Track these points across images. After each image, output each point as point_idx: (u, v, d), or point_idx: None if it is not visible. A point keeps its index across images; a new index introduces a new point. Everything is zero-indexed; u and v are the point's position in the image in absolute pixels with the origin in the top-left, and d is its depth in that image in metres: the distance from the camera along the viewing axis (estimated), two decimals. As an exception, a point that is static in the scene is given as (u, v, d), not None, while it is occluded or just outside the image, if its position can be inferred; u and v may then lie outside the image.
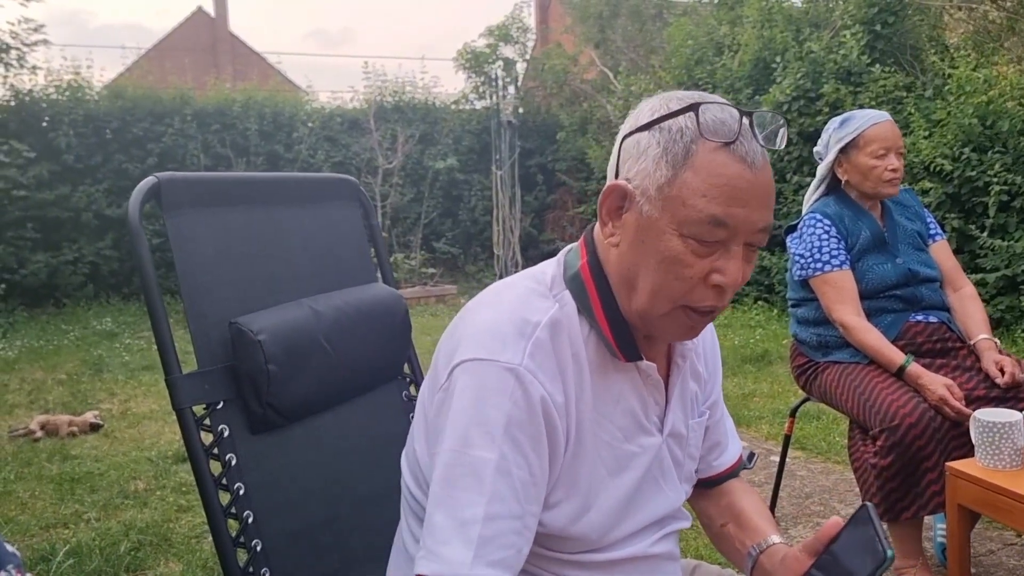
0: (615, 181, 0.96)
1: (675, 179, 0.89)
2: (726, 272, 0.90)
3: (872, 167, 2.30)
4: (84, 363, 6.01)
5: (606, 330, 0.98)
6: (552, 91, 11.13)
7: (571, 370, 0.95)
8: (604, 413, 0.99)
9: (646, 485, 1.04)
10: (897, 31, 6.71)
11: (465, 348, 0.93)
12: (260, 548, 1.25)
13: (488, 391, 0.89)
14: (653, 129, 0.93)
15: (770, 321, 6.55)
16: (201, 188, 1.33)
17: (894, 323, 2.30)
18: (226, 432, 1.26)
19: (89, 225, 8.60)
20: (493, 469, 0.87)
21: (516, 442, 0.89)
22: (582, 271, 0.99)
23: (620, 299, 0.97)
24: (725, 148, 0.88)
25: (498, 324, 0.94)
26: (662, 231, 0.90)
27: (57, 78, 8.93)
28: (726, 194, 0.88)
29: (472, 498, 0.87)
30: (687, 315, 0.93)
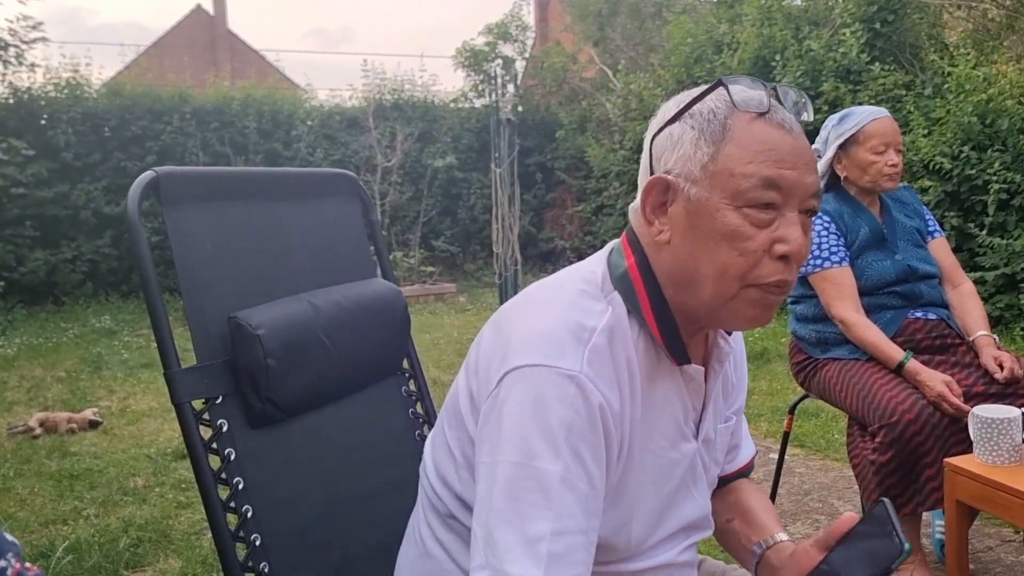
0: (655, 175, 0.93)
1: (718, 154, 0.88)
2: (789, 239, 0.88)
3: (871, 162, 2.31)
4: (83, 361, 6.01)
5: (656, 332, 0.94)
6: (551, 89, 11.13)
7: (625, 377, 0.92)
8: (651, 421, 0.96)
9: (681, 491, 1.02)
10: (896, 29, 6.71)
11: (519, 353, 0.88)
12: (259, 543, 1.25)
13: (548, 399, 0.85)
14: (683, 118, 0.92)
15: (769, 319, 6.55)
16: (200, 183, 1.33)
17: (893, 320, 2.30)
18: (225, 427, 1.26)
19: (88, 223, 8.60)
20: (559, 482, 0.83)
21: (578, 453, 0.85)
22: (630, 271, 0.96)
23: (680, 298, 0.94)
24: (761, 118, 0.89)
25: (553, 329, 0.89)
26: (716, 208, 0.88)
27: (56, 76, 8.92)
28: (772, 158, 0.87)
29: (539, 513, 0.83)
30: (758, 293, 0.90)
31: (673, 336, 0.95)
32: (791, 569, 1.00)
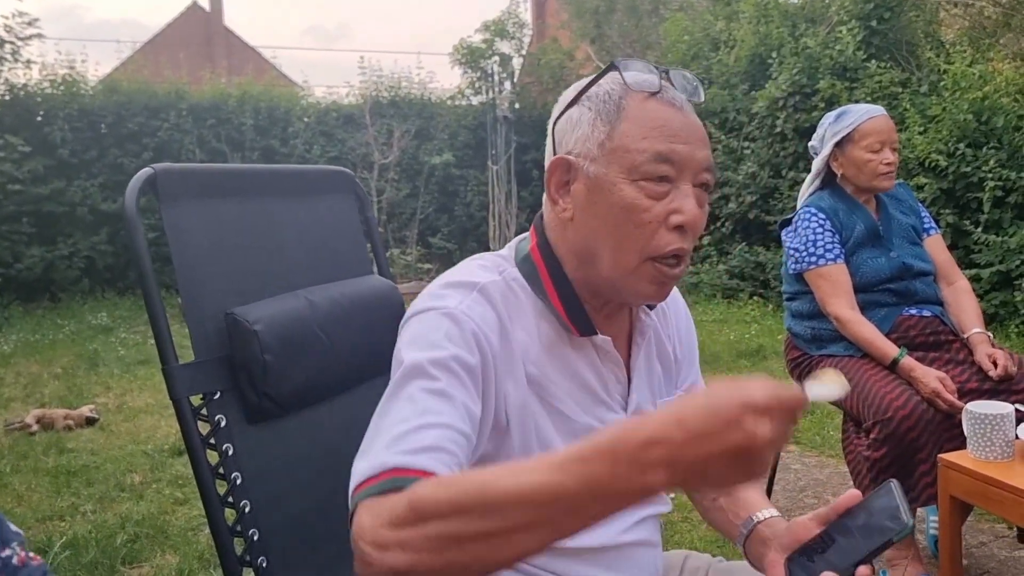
0: (556, 156, 0.99)
1: (614, 132, 0.94)
2: (684, 210, 0.93)
3: (867, 161, 2.32)
4: (80, 357, 6.00)
5: (557, 305, 1.00)
6: (548, 86, 11.13)
7: (514, 335, 0.97)
8: (561, 387, 1.00)
9: None
10: (893, 27, 6.73)
11: (414, 306, 0.99)
12: (257, 537, 1.26)
13: (425, 330, 0.93)
14: (581, 101, 0.98)
15: (765, 316, 6.57)
16: (197, 179, 1.34)
17: (887, 317, 2.31)
18: (223, 422, 1.27)
19: (84, 220, 8.60)
20: (426, 392, 0.87)
21: (451, 370, 0.89)
22: (532, 252, 1.03)
23: (584, 272, 1.00)
24: (653, 97, 0.94)
25: (442, 286, 0.99)
26: (612, 183, 0.93)
27: (52, 72, 8.91)
28: (664, 133, 0.92)
29: (405, 415, 0.85)
30: (655, 268, 0.94)
31: (575, 309, 1.00)
32: (785, 540, 1.00)
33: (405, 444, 0.82)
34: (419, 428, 0.83)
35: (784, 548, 1.00)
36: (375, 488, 0.79)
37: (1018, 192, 5.15)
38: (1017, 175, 5.12)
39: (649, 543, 1.10)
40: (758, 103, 7.07)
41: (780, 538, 1.02)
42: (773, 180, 7.08)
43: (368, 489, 0.80)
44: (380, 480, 0.79)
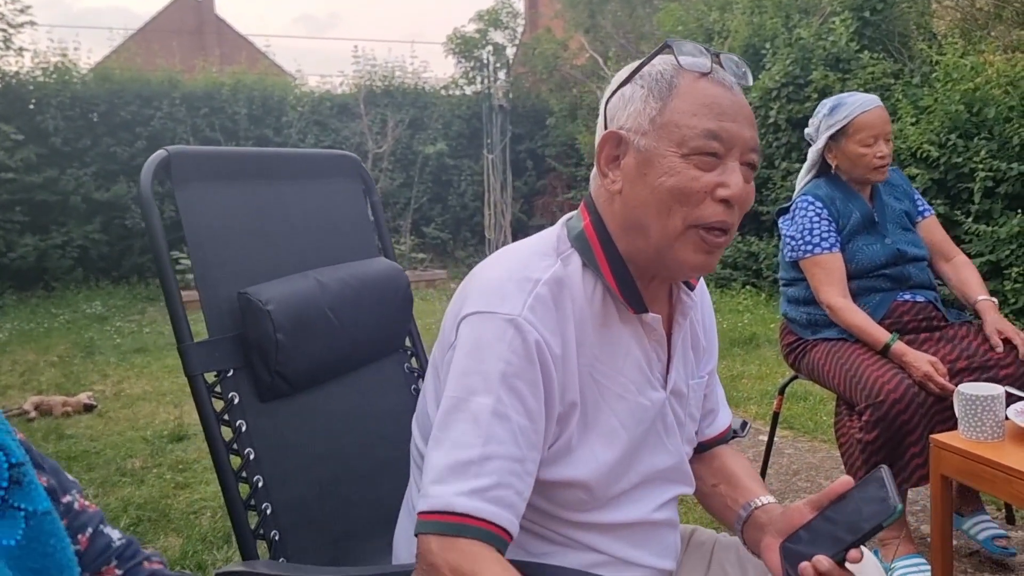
0: (608, 130, 1.02)
1: (665, 108, 0.97)
2: (730, 184, 0.96)
3: (861, 155, 2.34)
4: (75, 345, 6.01)
5: (612, 282, 1.02)
6: (542, 76, 11.13)
7: (573, 324, 0.99)
8: (615, 367, 1.03)
9: (650, 438, 1.08)
10: (886, 18, 6.76)
11: (469, 304, 0.99)
12: (270, 511, 1.29)
13: (487, 340, 0.95)
14: (634, 80, 1.02)
15: (758, 305, 6.62)
16: (210, 162, 1.37)
17: (882, 302, 2.36)
18: (236, 399, 1.30)
19: (78, 208, 8.57)
20: (490, 413, 0.92)
21: (514, 389, 0.93)
22: (586, 229, 1.04)
23: (632, 245, 1.01)
24: (704, 77, 0.98)
25: (500, 281, 0.99)
26: (663, 155, 0.96)
27: (44, 60, 8.86)
28: (714, 111, 0.96)
29: (469, 440, 0.91)
30: (700, 237, 0.97)
31: (628, 286, 1.03)
32: (781, 525, 1.04)
33: (470, 480, 0.90)
34: (482, 459, 0.91)
35: (779, 533, 1.04)
36: (443, 527, 0.90)
37: (1008, 183, 5.20)
38: (1007, 166, 5.16)
39: (672, 522, 1.14)
40: (751, 94, 7.10)
41: (776, 523, 1.06)
42: (766, 171, 7.11)
43: (437, 524, 0.90)
44: (448, 521, 0.90)
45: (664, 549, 1.11)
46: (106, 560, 0.59)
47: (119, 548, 0.60)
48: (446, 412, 0.95)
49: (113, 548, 0.60)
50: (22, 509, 0.52)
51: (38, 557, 0.51)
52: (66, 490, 0.59)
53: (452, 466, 0.91)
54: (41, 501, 0.53)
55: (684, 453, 1.14)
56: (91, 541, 0.59)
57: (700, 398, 1.20)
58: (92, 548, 0.59)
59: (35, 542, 0.51)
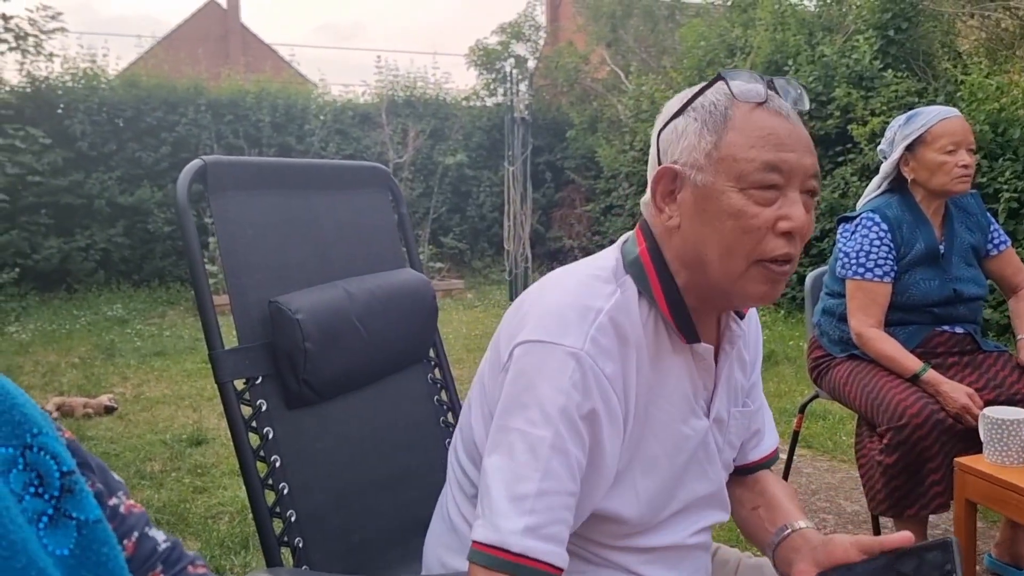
0: (663, 165, 0.99)
1: (720, 142, 0.95)
2: (792, 217, 0.93)
3: (941, 163, 2.22)
4: (96, 347, 6.07)
5: (666, 312, 1.00)
6: (563, 89, 11.17)
7: (632, 354, 0.98)
8: (663, 395, 1.02)
9: (692, 467, 1.07)
10: (910, 37, 6.74)
11: (528, 329, 0.97)
12: (294, 519, 1.30)
13: (548, 372, 0.93)
14: (687, 112, 0.99)
15: (776, 323, 6.59)
16: (244, 171, 1.38)
17: (916, 333, 2.29)
18: (264, 406, 1.31)
19: (101, 212, 8.66)
20: (548, 447, 0.91)
21: (572, 423, 0.92)
22: (642, 256, 1.02)
23: (692, 279, 1.00)
24: (759, 107, 0.95)
25: (561, 308, 0.97)
26: (721, 191, 0.94)
27: (73, 66, 8.99)
28: (772, 142, 0.93)
29: (527, 474, 0.91)
30: (765, 269, 0.95)
31: (682, 316, 1.01)
32: (820, 555, 1.02)
33: (525, 517, 0.90)
34: (539, 494, 0.91)
35: (816, 563, 1.02)
36: (496, 562, 0.91)
37: (1033, 204, 5.17)
38: (1032, 187, 5.13)
39: (705, 545, 1.14)
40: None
41: (814, 551, 1.03)
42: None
43: (490, 558, 0.91)
44: (501, 558, 0.90)
45: (696, 571, 1.11)
46: (152, 565, 0.60)
47: (164, 552, 0.61)
48: (504, 438, 0.94)
49: (159, 552, 0.60)
50: (74, 518, 0.52)
51: (91, 567, 0.51)
52: (112, 492, 0.60)
53: (509, 498, 0.91)
54: (92, 509, 0.53)
55: (723, 480, 1.14)
56: (137, 546, 0.59)
57: (743, 426, 1.18)
58: (139, 553, 0.59)
59: (88, 551, 0.52)
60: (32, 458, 0.52)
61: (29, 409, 0.55)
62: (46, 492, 0.52)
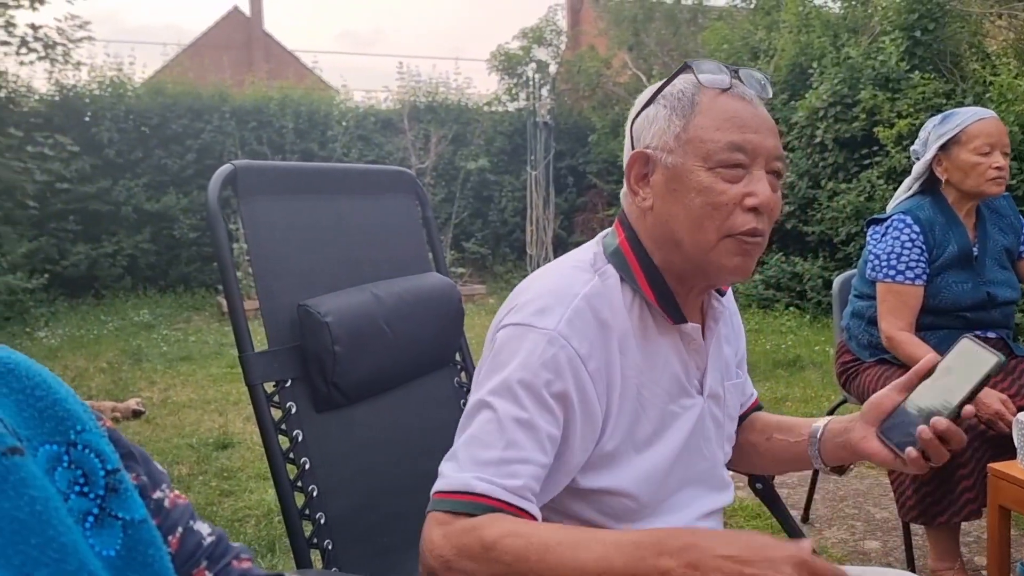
0: (636, 150, 1.06)
1: (688, 125, 1.01)
2: (757, 193, 0.99)
3: (975, 164, 2.19)
4: (124, 352, 6.14)
5: (650, 295, 1.05)
6: (584, 94, 11.16)
7: (613, 337, 1.02)
8: (652, 377, 1.06)
9: (691, 443, 1.10)
10: (937, 37, 6.66)
11: (510, 315, 1.03)
12: (324, 521, 1.30)
13: (521, 351, 0.98)
14: (656, 101, 1.06)
15: (802, 327, 6.53)
16: (273, 176, 1.39)
17: (948, 337, 2.25)
18: (293, 409, 1.32)
19: (128, 219, 8.78)
20: (512, 420, 0.94)
21: (540, 399, 0.96)
22: (621, 245, 1.08)
23: (667, 258, 1.05)
24: (724, 93, 1.02)
25: (541, 295, 1.02)
26: (690, 171, 1.00)
27: (100, 74, 9.12)
28: (736, 124, 1.00)
29: (492, 442, 0.94)
30: (735, 241, 1.00)
31: (666, 297, 1.06)
32: (869, 416, 1.06)
33: (488, 473, 0.92)
34: (501, 462, 0.93)
35: (870, 423, 1.07)
36: (456, 505, 0.91)
37: (1064, 206, 5.09)
38: (1063, 189, 5.05)
39: None
40: (798, 113, 7.04)
41: (864, 416, 1.08)
42: (812, 191, 7.03)
43: (448, 502, 0.92)
44: (462, 500, 0.92)
45: None
46: (196, 561, 0.59)
47: (209, 547, 0.60)
48: (473, 410, 0.98)
49: (204, 547, 0.60)
50: (120, 518, 0.52)
51: (138, 567, 0.51)
52: (156, 484, 0.60)
53: (471, 461, 0.94)
54: (137, 509, 0.53)
55: (719, 457, 1.17)
56: (182, 542, 0.59)
57: (736, 398, 1.23)
58: (183, 549, 0.58)
59: (134, 552, 0.51)
60: (77, 456, 0.52)
61: (72, 405, 0.55)
62: (91, 491, 0.52)
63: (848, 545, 2.69)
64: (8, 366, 0.54)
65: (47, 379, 0.55)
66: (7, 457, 0.47)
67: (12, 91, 8.50)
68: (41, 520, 0.46)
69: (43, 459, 0.50)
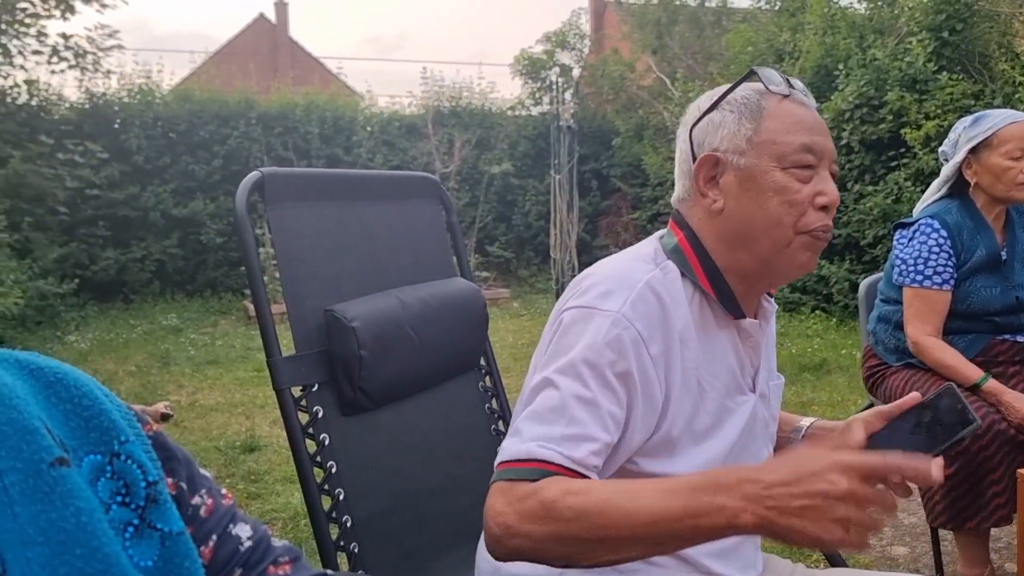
0: (705, 152, 1.08)
1: (759, 128, 1.05)
2: (827, 192, 1.04)
3: (1006, 169, 2.15)
4: (152, 356, 6.22)
5: (709, 289, 1.08)
6: (608, 97, 11.15)
7: (674, 326, 1.03)
8: (711, 371, 1.08)
9: (745, 441, 1.12)
10: (965, 38, 6.58)
11: (573, 299, 1.06)
12: (350, 524, 1.32)
13: (585, 333, 1.00)
14: (720, 107, 1.09)
15: (828, 331, 6.47)
16: (300, 183, 1.41)
17: (976, 341, 2.22)
18: (320, 413, 1.33)
19: (156, 224, 8.89)
20: (574, 398, 0.96)
21: (603, 378, 0.97)
22: (680, 243, 1.10)
23: (735, 257, 1.07)
24: (786, 99, 1.07)
25: (604, 279, 1.05)
26: (764, 171, 1.04)
27: (129, 82, 9.25)
28: (804, 127, 1.05)
29: (553, 419, 0.96)
30: (809, 238, 1.04)
31: (726, 294, 1.08)
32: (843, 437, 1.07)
33: (553, 445, 0.94)
34: (563, 439, 0.94)
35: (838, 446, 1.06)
36: (518, 472, 0.93)
37: (1097, 208, 5.00)
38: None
39: (754, 540, 1.17)
40: (823, 115, 6.99)
41: (841, 434, 1.09)
42: (838, 193, 6.98)
43: (510, 470, 0.94)
44: (523, 467, 0.93)
45: (747, 564, 1.14)
46: (229, 571, 0.59)
47: (245, 553, 0.60)
48: (536, 389, 1.00)
49: (239, 554, 0.60)
50: (158, 529, 0.52)
51: None
52: (195, 490, 0.60)
53: (533, 436, 0.95)
54: (175, 521, 0.53)
55: (764, 457, 1.19)
56: (215, 550, 0.59)
57: (778, 397, 1.25)
58: (216, 559, 0.58)
59: (170, 564, 0.52)
60: (119, 466, 0.53)
61: (116, 416, 0.56)
62: (132, 502, 0.52)
63: (875, 551, 2.66)
64: (57, 375, 0.55)
65: (93, 389, 0.56)
66: (55, 468, 0.48)
67: (44, 99, 8.66)
68: (86, 531, 0.47)
69: (87, 469, 0.51)
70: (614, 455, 1.01)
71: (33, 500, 0.46)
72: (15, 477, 0.46)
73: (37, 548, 0.45)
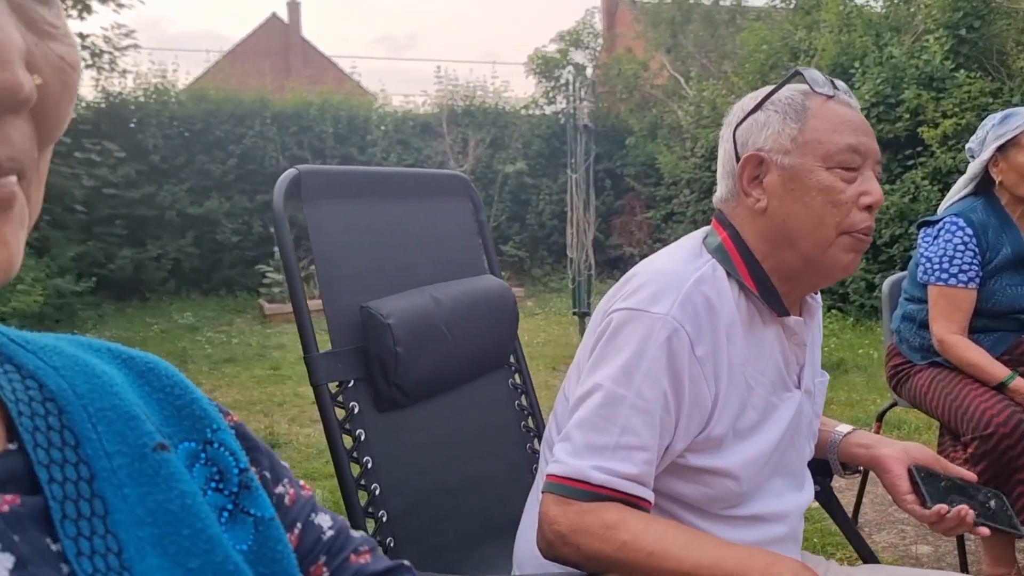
0: (749, 152, 1.08)
1: (804, 128, 1.05)
2: (872, 192, 1.04)
3: None
4: (169, 355, 6.25)
5: (753, 287, 1.08)
6: (622, 96, 11.14)
7: (721, 323, 1.04)
8: (758, 368, 1.09)
9: (790, 436, 1.13)
10: (983, 36, 6.55)
11: (623, 299, 1.06)
12: (386, 519, 1.33)
13: (636, 337, 1.01)
14: (764, 107, 1.09)
15: (844, 330, 6.45)
16: (335, 180, 1.43)
17: (1001, 340, 2.22)
18: (356, 409, 1.35)
19: (172, 223, 8.93)
20: (628, 406, 0.99)
21: (655, 383, 0.99)
22: (724, 242, 1.11)
23: (778, 256, 1.08)
24: (830, 100, 1.07)
25: (652, 279, 1.06)
26: (810, 171, 1.04)
27: (145, 81, 9.31)
28: (850, 128, 1.05)
29: (606, 427, 0.99)
30: (852, 239, 1.05)
31: (770, 292, 1.09)
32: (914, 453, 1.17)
33: (604, 460, 0.98)
34: (616, 448, 0.99)
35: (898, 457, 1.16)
36: (572, 492, 0.99)
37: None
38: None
39: (796, 536, 1.18)
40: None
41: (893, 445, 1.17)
42: (854, 192, 6.95)
43: (565, 487, 0.99)
44: (578, 487, 0.99)
45: None
46: (315, 558, 0.60)
47: (328, 541, 0.61)
48: (586, 394, 1.02)
49: (323, 542, 0.61)
50: (252, 514, 0.53)
51: (267, 563, 0.52)
52: (279, 479, 0.60)
53: (587, 445, 0.98)
54: (267, 507, 0.54)
55: (807, 453, 1.21)
56: (300, 538, 0.59)
57: (822, 393, 1.26)
58: (302, 547, 0.59)
59: (264, 548, 0.53)
60: (213, 453, 0.54)
61: (206, 404, 0.57)
62: (226, 488, 0.53)
63: (899, 549, 2.66)
64: (148, 365, 0.56)
65: (183, 379, 0.57)
66: (157, 452, 0.49)
67: (61, 99, 8.70)
68: (190, 513, 0.48)
69: (183, 455, 0.52)
70: (664, 455, 1.03)
71: (140, 483, 0.47)
72: (122, 460, 0.48)
73: (147, 528, 0.46)
